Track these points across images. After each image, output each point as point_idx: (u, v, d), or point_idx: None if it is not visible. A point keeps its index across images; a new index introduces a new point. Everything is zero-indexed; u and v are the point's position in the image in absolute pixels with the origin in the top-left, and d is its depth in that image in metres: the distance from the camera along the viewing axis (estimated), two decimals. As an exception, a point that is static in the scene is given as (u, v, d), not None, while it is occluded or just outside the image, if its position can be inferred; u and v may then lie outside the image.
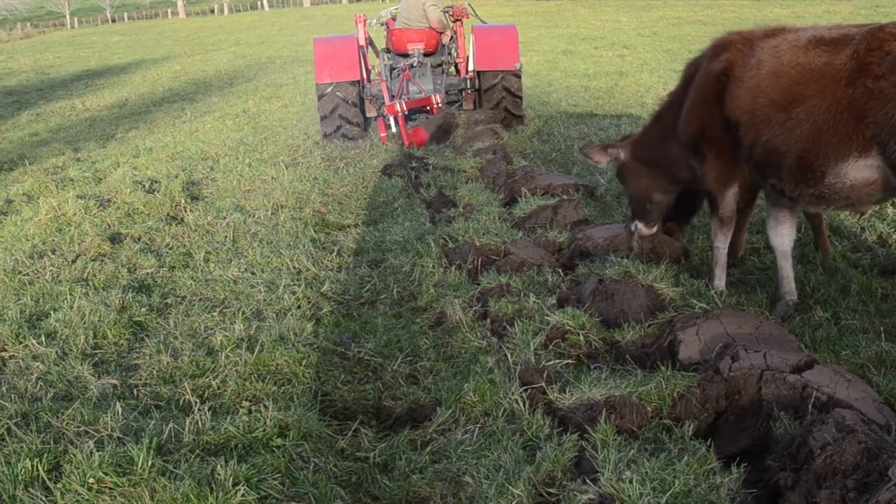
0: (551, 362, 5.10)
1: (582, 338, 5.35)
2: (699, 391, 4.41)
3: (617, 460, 3.93)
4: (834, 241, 7.02)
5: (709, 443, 4.07)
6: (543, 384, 4.80)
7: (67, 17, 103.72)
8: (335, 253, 7.75)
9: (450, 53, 14.91)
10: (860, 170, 5.11)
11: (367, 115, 14.38)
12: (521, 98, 14.14)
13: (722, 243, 6.28)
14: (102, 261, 7.86)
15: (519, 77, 14.02)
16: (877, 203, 5.63)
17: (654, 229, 6.97)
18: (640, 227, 6.93)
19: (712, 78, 5.84)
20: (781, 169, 5.46)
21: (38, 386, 5.27)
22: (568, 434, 4.30)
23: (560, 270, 6.72)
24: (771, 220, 6.10)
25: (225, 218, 9.01)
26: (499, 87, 13.93)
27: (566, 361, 5.15)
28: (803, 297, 6.01)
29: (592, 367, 5.06)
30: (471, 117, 13.50)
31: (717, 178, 6.09)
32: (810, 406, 4.04)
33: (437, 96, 13.69)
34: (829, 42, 5.23)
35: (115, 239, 8.59)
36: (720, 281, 6.31)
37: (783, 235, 6.06)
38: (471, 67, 14.25)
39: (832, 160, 5.17)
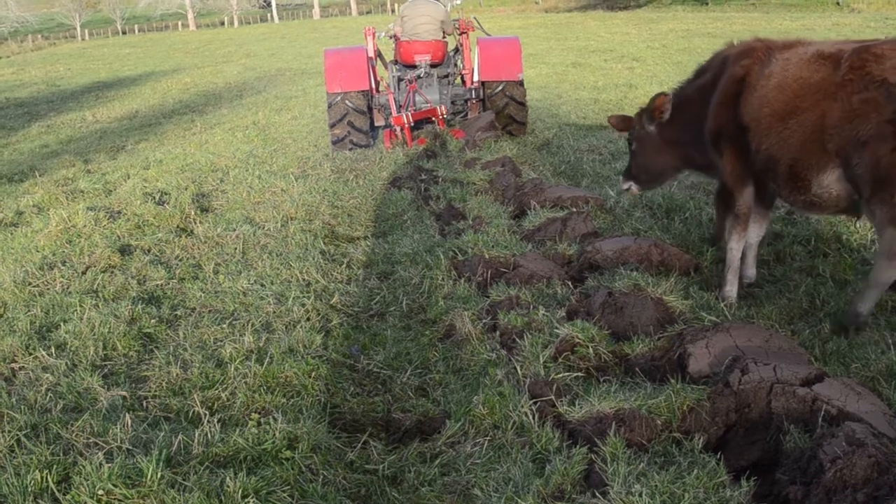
0: (561, 375, 5.10)
1: (591, 351, 5.34)
2: (709, 404, 4.40)
3: (626, 473, 3.93)
4: (843, 254, 7.00)
5: (718, 456, 4.07)
6: (553, 397, 4.80)
7: (78, 29, 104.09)
8: (345, 265, 7.76)
9: (455, 65, 15.14)
10: (845, 182, 5.48)
11: (376, 123, 14.57)
12: (524, 104, 14.32)
13: (736, 244, 6.44)
14: (112, 272, 7.88)
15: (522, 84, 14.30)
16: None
17: (641, 192, 7.96)
18: (634, 188, 7.67)
19: (733, 82, 6.12)
20: (778, 175, 5.83)
21: (48, 397, 5.29)
22: (577, 447, 4.30)
23: (569, 283, 6.72)
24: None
25: (235, 230, 9.03)
26: (502, 93, 14.17)
27: (575, 374, 5.14)
28: (813, 309, 6.01)
29: (602, 380, 5.06)
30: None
31: (731, 174, 6.33)
32: (820, 419, 4.03)
33: (443, 107, 13.95)
34: (827, 57, 5.55)
35: (124, 251, 8.60)
36: (731, 287, 6.40)
37: (751, 231, 6.54)
38: (476, 78, 14.48)
39: (818, 171, 5.55)
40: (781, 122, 5.69)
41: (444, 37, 14.86)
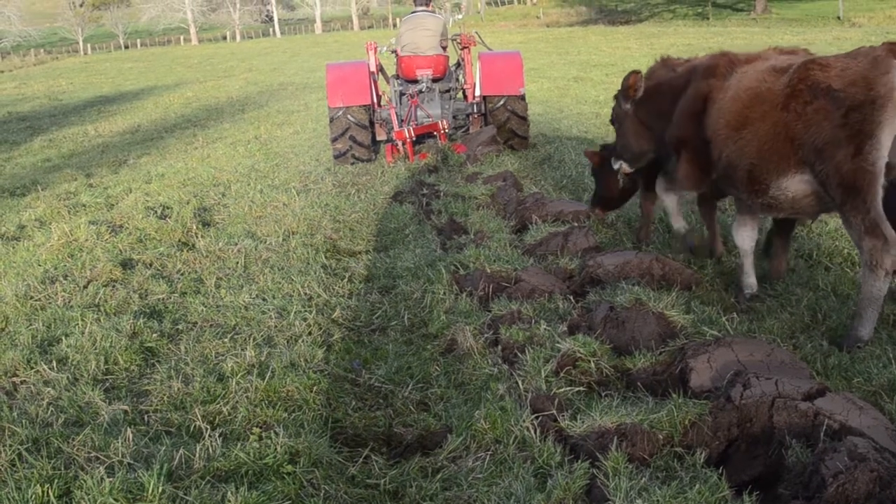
0: (562, 390, 5.09)
1: (593, 365, 5.34)
2: (711, 419, 4.40)
3: (628, 488, 3.92)
4: (846, 268, 7.00)
5: (720, 471, 4.06)
6: (554, 411, 4.79)
7: (80, 43, 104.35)
8: (346, 279, 7.76)
9: (457, 79, 15.19)
10: (797, 184, 5.83)
11: (378, 138, 14.60)
12: (525, 118, 14.36)
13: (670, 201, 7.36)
14: (114, 286, 7.88)
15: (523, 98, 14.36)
16: (824, 212, 6.28)
17: (633, 170, 8.10)
18: (624, 166, 8.04)
19: (698, 98, 6.55)
20: (737, 180, 6.24)
21: (49, 411, 5.28)
22: (579, 462, 4.29)
23: (571, 297, 6.72)
24: (736, 223, 6.82)
25: (236, 244, 9.03)
26: (504, 108, 14.20)
27: (577, 389, 5.14)
28: (815, 324, 6.00)
29: (603, 394, 5.06)
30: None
31: (685, 178, 6.90)
32: (822, 434, 4.02)
33: (444, 122, 13.99)
34: (778, 70, 5.93)
35: (126, 265, 8.60)
36: (679, 225, 7.46)
37: (744, 237, 6.77)
38: (477, 93, 14.52)
39: (773, 175, 5.92)
40: (736, 131, 6.09)
41: (445, 50, 14.91)
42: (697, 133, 6.50)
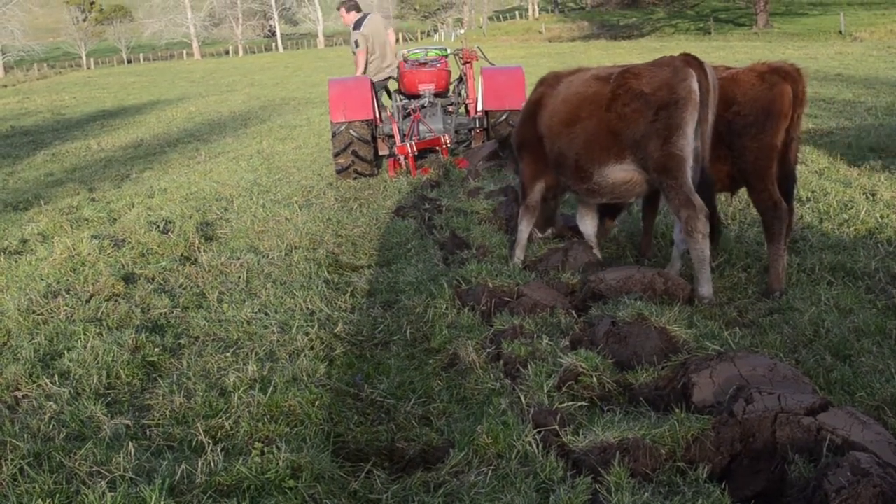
0: (564, 404, 5.08)
1: (595, 380, 5.33)
2: (713, 434, 4.39)
3: (631, 503, 3.91)
4: (847, 281, 7.00)
5: (723, 486, 4.05)
6: (557, 426, 4.78)
7: (83, 57, 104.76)
8: (348, 294, 7.76)
9: (459, 94, 15.20)
10: (617, 172, 7.09)
11: (380, 153, 14.59)
12: None
13: (525, 226, 8.26)
14: (116, 301, 7.87)
15: None
16: (637, 196, 7.59)
17: (547, 233, 8.97)
18: (536, 232, 8.88)
19: (531, 104, 8.01)
20: (567, 169, 7.49)
21: (51, 426, 5.27)
22: (581, 477, 4.28)
23: (573, 312, 6.72)
24: (579, 213, 8.35)
25: (239, 258, 9.03)
26: (506, 122, 14.27)
27: (579, 404, 5.13)
28: (817, 338, 5.99)
29: (606, 409, 5.04)
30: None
31: (528, 175, 8.15)
32: (825, 449, 4.01)
33: (447, 136, 14.00)
34: (601, 78, 7.17)
35: (129, 279, 8.60)
36: (519, 256, 8.23)
37: (586, 223, 8.30)
38: (479, 107, 14.54)
39: (597, 164, 7.15)
40: (568, 127, 7.31)
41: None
42: (533, 133, 7.83)
